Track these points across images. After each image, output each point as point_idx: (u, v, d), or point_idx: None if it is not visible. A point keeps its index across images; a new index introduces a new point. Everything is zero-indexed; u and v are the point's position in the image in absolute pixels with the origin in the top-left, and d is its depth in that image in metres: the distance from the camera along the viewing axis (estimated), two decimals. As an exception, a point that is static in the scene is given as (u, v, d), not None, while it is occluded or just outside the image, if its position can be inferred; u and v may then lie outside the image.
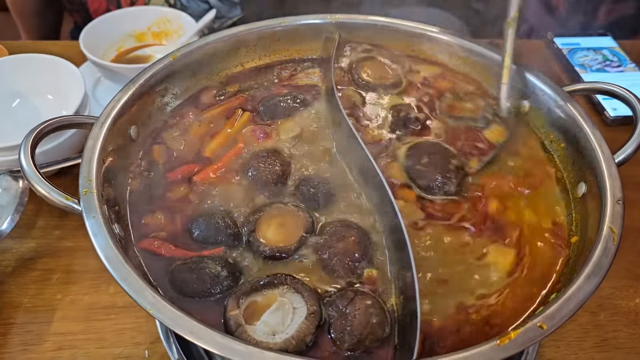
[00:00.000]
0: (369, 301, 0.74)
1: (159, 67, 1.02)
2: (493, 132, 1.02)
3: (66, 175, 1.30)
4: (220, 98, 1.10)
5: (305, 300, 0.75)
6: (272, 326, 0.73)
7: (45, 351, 1.04)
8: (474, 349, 0.62)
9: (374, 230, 0.86)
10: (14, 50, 1.60)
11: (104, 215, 0.76)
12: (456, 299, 0.78)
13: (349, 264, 0.80)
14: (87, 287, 1.14)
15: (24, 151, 0.81)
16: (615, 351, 1.06)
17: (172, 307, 0.65)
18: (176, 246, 0.83)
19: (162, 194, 0.91)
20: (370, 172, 0.88)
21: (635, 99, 0.91)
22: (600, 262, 0.71)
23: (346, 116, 0.96)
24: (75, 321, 1.09)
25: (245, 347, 0.62)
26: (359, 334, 0.71)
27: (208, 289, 0.77)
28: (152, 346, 1.05)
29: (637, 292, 1.16)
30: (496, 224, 0.87)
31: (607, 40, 1.92)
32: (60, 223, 1.26)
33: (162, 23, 1.69)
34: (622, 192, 0.79)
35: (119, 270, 0.69)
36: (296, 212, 0.88)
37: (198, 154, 0.99)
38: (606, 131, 1.59)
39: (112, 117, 0.90)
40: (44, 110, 1.41)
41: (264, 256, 0.82)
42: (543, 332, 0.63)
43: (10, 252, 1.20)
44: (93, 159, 0.83)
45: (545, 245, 0.85)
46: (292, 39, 1.18)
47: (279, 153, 0.97)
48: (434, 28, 1.16)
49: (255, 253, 0.83)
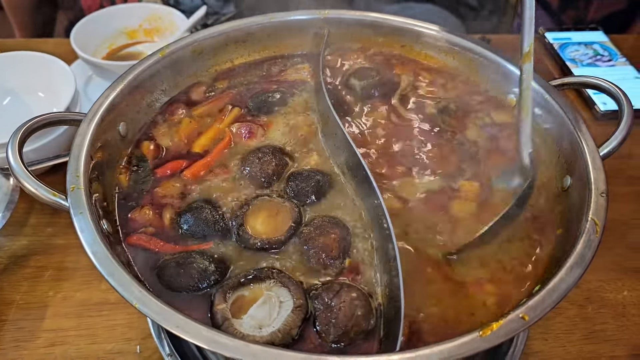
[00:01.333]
0: (354, 294, 0.75)
1: (147, 64, 1.02)
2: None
3: (58, 173, 1.31)
4: (211, 94, 1.10)
5: (292, 293, 0.75)
6: (259, 320, 0.74)
7: (38, 347, 1.05)
8: (457, 340, 0.62)
9: (361, 225, 0.87)
10: (6, 48, 1.60)
11: (91, 211, 0.77)
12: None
13: (324, 259, 0.81)
14: (79, 283, 1.15)
15: (11, 148, 0.81)
16: (603, 343, 1.07)
17: (158, 302, 0.66)
18: (164, 241, 0.84)
19: (151, 190, 0.92)
20: (356, 166, 0.89)
21: (621, 92, 0.91)
22: (583, 254, 0.71)
23: (334, 111, 0.96)
24: (67, 318, 1.10)
25: (231, 340, 0.63)
26: (343, 326, 0.72)
27: (195, 284, 0.77)
28: (143, 342, 1.06)
29: (624, 285, 1.17)
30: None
31: (598, 34, 1.93)
32: (52, 221, 1.26)
33: (153, 20, 1.69)
34: (606, 185, 0.80)
35: (105, 266, 0.70)
36: (282, 204, 0.89)
37: (187, 149, 1.00)
38: (596, 125, 1.61)
39: (100, 113, 0.90)
40: (36, 107, 1.41)
41: (255, 248, 0.83)
42: (525, 323, 0.64)
43: (2, 250, 1.21)
44: (81, 156, 0.83)
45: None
46: (281, 35, 1.19)
47: (269, 148, 0.97)
48: (422, 23, 1.16)
49: (245, 246, 0.83)
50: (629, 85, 1.71)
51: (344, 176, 0.94)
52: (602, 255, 1.20)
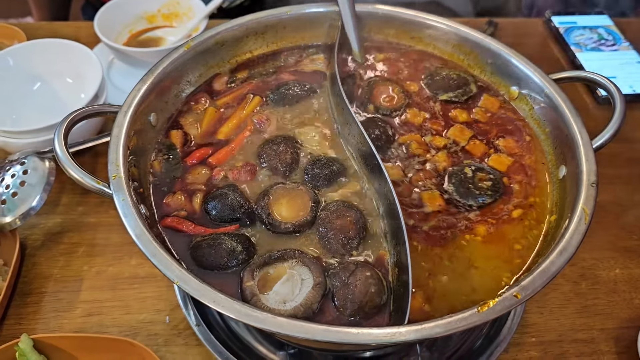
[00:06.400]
0: (368, 272, 0.84)
1: (174, 57, 1.09)
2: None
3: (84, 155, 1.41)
4: (231, 85, 1.18)
5: (312, 272, 0.84)
6: (283, 295, 0.83)
7: (76, 317, 1.15)
8: (458, 315, 0.71)
9: (374, 211, 0.95)
10: (30, 33, 1.68)
11: (131, 197, 0.85)
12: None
13: (342, 239, 0.89)
14: (110, 259, 1.25)
15: (57, 139, 0.89)
16: (594, 317, 1.17)
17: (196, 279, 0.75)
18: (195, 224, 0.93)
19: (181, 176, 1.00)
20: (369, 155, 0.97)
21: (615, 87, 0.97)
22: (572, 239, 0.79)
23: (347, 102, 1.03)
24: (101, 290, 1.20)
25: (260, 313, 0.72)
26: (359, 302, 0.81)
27: (225, 263, 0.86)
28: (172, 312, 1.16)
29: (617, 263, 1.25)
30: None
31: (603, 18, 1.97)
32: (82, 200, 1.36)
33: (171, 5, 1.75)
34: (596, 176, 0.88)
35: (148, 247, 0.78)
36: (298, 189, 0.97)
37: (212, 137, 1.08)
38: (598, 109, 1.68)
39: (133, 106, 0.98)
40: (64, 93, 1.49)
41: (287, 232, 0.91)
42: (518, 301, 0.72)
43: (38, 228, 1.30)
44: (119, 145, 0.91)
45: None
46: (297, 27, 1.25)
47: (288, 138, 1.05)
48: (432, 16, 1.22)
49: (277, 231, 0.92)
50: (631, 69, 1.76)
51: (356, 164, 1.02)
52: (598, 236, 1.30)
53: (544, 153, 1.04)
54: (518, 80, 1.11)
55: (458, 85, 1.16)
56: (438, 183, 1.00)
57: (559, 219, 0.90)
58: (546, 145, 1.05)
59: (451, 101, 1.15)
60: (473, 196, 0.97)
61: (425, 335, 0.70)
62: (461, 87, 1.16)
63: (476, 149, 1.05)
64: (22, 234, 1.27)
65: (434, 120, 1.11)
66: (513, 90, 1.12)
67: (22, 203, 1.19)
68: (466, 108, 1.14)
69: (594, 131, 0.96)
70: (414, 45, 1.25)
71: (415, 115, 1.12)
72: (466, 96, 1.15)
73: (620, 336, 1.13)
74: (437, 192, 0.98)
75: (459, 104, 1.14)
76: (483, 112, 1.13)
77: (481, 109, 1.13)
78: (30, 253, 1.25)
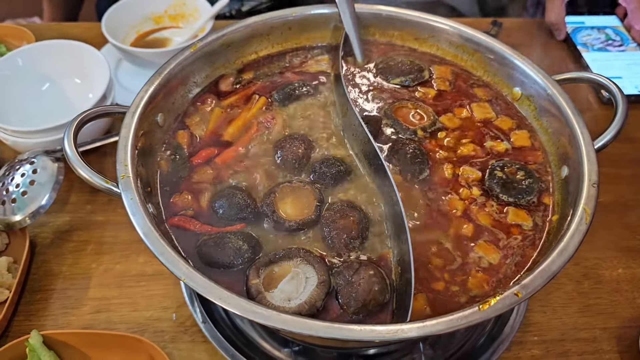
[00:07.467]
0: (371, 271, 0.85)
1: (181, 58, 1.11)
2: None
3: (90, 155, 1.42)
4: (237, 86, 1.19)
5: (316, 270, 0.86)
6: (288, 293, 0.84)
7: (84, 314, 1.17)
8: (459, 313, 0.73)
9: (377, 211, 0.97)
10: (39, 34, 1.70)
11: (139, 196, 0.87)
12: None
13: (345, 239, 0.91)
14: (118, 257, 1.27)
15: (67, 139, 0.91)
16: (597, 316, 1.17)
17: (203, 277, 0.76)
18: (202, 223, 0.94)
19: (188, 176, 1.02)
20: (373, 155, 0.98)
21: (617, 88, 0.98)
22: (573, 238, 0.80)
23: (351, 102, 1.05)
24: (109, 287, 1.21)
25: (266, 310, 0.74)
26: (362, 300, 0.82)
27: (231, 261, 0.88)
28: (178, 310, 1.17)
29: (620, 263, 1.26)
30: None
31: (611, 19, 1.97)
32: (91, 199, 1.38)
33: (178, 6, 1.77)
34: (597, 176, 0.88)
35: (156, 245, 0.80)
36: (303, 188, 0.99)
37: (218, 137, 1.09)
38: (602, 109, 1.69)
39: (141, 107, 1.00)
40: (73, 93, 1.51)
41: (292, 230, 0.93)
42: (518, 299, 0.74)
43: (47, 226, 1.32)
44: (127, 146, 0.93)
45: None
46: (302, 28, 1.27)
47: (294, 138, 1.07)
48: (437, 17, 1.24)
49: (282, 229, 0.93)
50: (637, 70, 1.76)
51: (360, 164, 1.04)
52: (600, 236, 1.31)
53: (546, 153, 1.05)
54: (521, 81, 1.12)
55: (410, 71, 1.20)
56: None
57: (561, 219, 0.91)
58: (549, 146, 1.06)
59: (403, 85, 1.19)
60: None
61: (427, 332, 0.71)
62: (413, 73, 1.20)
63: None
64: (32, 232, 1.29)
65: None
66: (516, 92, 1.13)
67: (32, 202, 1.21)
68: (428, 85, 1.20)
69: (597, 131, 0.97)
70: (418, 46, 1.27)
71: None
72: (417, 82, 1.19)
73: (622, 335, 1.14)
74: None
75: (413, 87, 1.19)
76: (442, 81, 1.19)
77: (439, 78, 1.20)
78: (40, 251, 1.27)
